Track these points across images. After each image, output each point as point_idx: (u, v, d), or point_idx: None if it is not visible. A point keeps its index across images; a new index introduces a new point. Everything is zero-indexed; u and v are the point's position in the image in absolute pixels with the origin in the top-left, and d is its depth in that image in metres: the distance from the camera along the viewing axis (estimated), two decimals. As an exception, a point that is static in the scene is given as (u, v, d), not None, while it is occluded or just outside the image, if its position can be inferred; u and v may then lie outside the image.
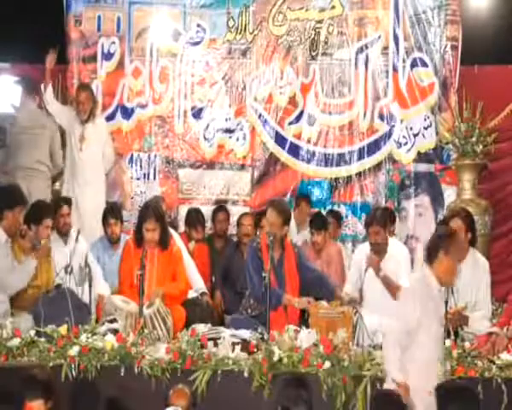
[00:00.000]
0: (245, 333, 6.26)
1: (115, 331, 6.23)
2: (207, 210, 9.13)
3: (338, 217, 9.05)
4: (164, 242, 7.06)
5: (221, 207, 9.22)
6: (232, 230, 9.09)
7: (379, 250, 7.20)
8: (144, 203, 7.90)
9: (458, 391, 4.69)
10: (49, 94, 8.72)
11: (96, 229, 8.24)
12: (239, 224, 8.80)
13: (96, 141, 8.80)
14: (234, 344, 6.02)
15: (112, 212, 8.01)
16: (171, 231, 7.55)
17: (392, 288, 7.11)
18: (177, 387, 5.02)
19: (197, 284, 7.67)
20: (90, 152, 8.74)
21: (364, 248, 7.41)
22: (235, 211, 9.28)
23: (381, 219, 7.28)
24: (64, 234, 7.53)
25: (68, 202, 7.80)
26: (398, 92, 9.46)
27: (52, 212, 7.21)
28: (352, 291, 7.26)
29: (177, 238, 7.61)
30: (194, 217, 8.74)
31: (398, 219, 9.00)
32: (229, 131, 9.64)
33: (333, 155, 9.56)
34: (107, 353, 5.96)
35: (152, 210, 7.08)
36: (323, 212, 9.09)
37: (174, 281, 7.06)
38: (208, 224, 9.01)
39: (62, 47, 9.45)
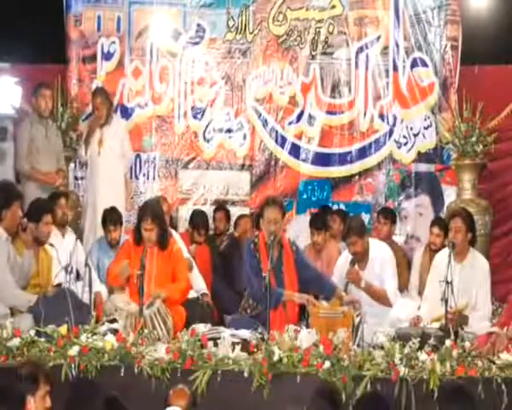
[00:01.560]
0: (245, 333, 6.25)
1: (115, 331, 6.21)
2: (207, 210, 9.13)
3: (342, 214, 9.00)
4: (162, 241, 6.95)
5: (221, 206, 9.22)
6: (232, 230, 9.09)
7: (359, 259, 7.19)
8: (143, 202, 7.86)
9: (458, 391, 4.68)
10: None
11: None
12: (236, 225, 8.82)
13: (114, 141, 8.78)
14: (234, 344, 6.01)
15: (110, 218, 7.91)
16: (172, 231, 7.53)
17: (376, 296, 7.12)
18: (177, 387, 5.01)
19: (198, 285, 7.67)
20: (108, 155, 8.71)
21: (347, 255, 7.37)
22: (235, 211, 9.29)
23: (357, 229, 7.23)
24: (62, 225, 7.56)
25: (66, 195, 7.83)
26: (399, 92, 9.47)
27: (50, 208, 7.19)
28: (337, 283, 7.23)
29: (177, 238, 7.59)
30: (199, 219, 8.69)
31: (398, 219, 9.00)
32: (229, 131, 9.65)
33: (333, 154, 9.56)
34: (107, 353, 5.94)
35: (149, 210, 6.96)
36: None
37: (174, 281, 7.02)
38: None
39: (62, 47, 9.47)
